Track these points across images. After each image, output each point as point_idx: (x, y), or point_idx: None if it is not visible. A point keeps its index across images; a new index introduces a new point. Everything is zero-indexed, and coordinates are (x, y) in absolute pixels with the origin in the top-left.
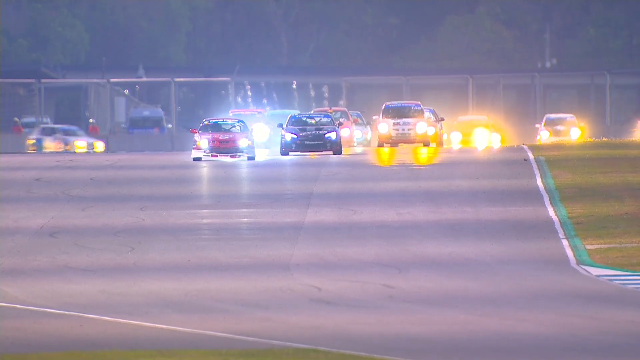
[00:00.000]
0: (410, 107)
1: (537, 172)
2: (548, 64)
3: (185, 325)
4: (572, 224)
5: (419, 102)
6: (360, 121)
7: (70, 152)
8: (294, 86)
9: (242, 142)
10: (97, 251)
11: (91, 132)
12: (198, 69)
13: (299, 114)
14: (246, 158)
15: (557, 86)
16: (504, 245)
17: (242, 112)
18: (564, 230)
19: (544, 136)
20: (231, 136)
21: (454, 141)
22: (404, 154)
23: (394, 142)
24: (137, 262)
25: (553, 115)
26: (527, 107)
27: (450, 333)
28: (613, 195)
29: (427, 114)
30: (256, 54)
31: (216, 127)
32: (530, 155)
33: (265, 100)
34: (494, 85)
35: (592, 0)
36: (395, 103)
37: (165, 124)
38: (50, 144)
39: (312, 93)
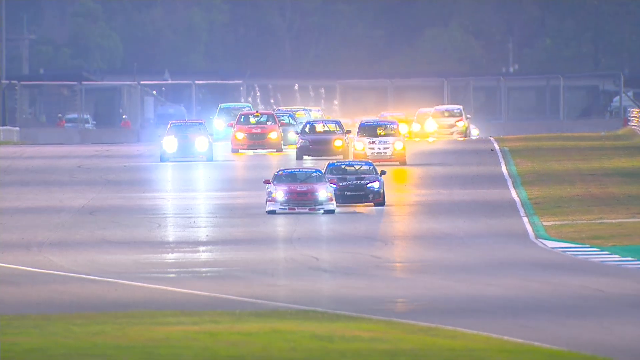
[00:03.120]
0: (386, 125)
1: (502, 160)
2: (511, 69)
3: (204, 289)
4: (531, 204)
5: (395, 120)
6: (292, 121)
7: (107, 143)
8: (296, 87)
9: (322, 194)
10: (130, 227)
11: (124, 126)
12: (215, 73)
13: (337, 162)
14: (323, 212)
15: (519, 88)
16: (474, 222)
17: (183, 123)
18: (524, 209)
19: (431, 126)
20: (310, 187)
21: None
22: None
23: (370, 161)
24: (163, 236)
25: (442, 107)
26: (493, 106)
27: (429, 296)
28: (566, 179)
29: (430, 120)
30: (264, 60)
31: (292, 177)
32: (496, 146)
33: (272, 100)
34: (465, 87)
35: (548, 15)
36: (371, 121)
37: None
38: None
39: (312, 94)
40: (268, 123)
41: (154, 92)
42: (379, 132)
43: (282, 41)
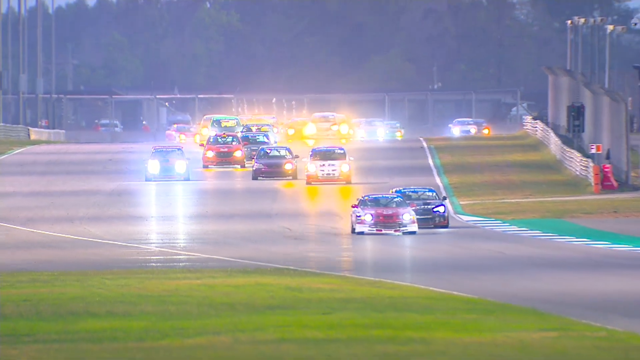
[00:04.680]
0: (334, 150)
1: (429, 155)
2: (436, 86)
3: (204, 253)
4: (451, 188)
5: (343, 146)
6: (267, 140)
7: (131, 142)
8: (274, 100)
9: (406, 217)
10: (149, 206)
11: (144, 130)
12: (213, 89)
13: (403, 189)
14: (408, 233)
15: (441, 100)
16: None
17: (164, 148)
18: (445, 192)
19: (311, 130)
20: (395, 211)
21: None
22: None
23: (320, 181)
24: (174, 213)
25: (319, 114)
26: (422, 114)
27: (373, 257)
28: (477, 170)
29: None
30: (250, 79)
31: (376, 202)
32: (425, 144)
33: (256, 110)
34: (401, 100)
35: (463, 46)
36: (321, 147)
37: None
38: None
39: (285, 105)
40: (233, 143)
41: (167, 104)
42: (328, 156)
43: (263, 65)
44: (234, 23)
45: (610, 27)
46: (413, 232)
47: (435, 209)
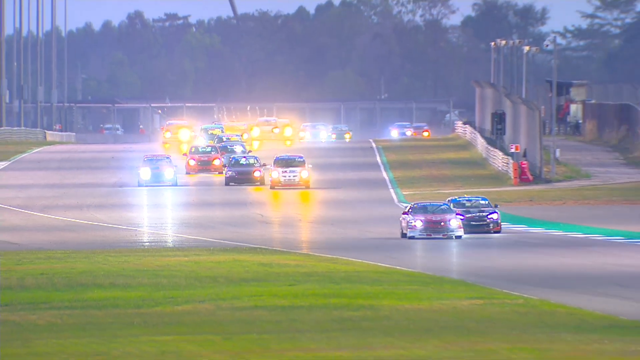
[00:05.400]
0: (294, 158)
1: (377, 154)
2: (383, 97)
3: (190, 234)
4: (395, 181)
5: (302, 155)
6: (244, 149)
7: (130, 143)
8: (248, 108)
9: (453, 223)
10: (145, 197)
11: (141, 133)
12: (198, 99)
13: (458, 198)
14: (455, 237)
15: (388, 108)
16: (361, 192)
17: (154, 157)
18: (391, 184)
19: (255, 132)
20: (443, 217)
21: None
22: (311, 150)
23: (282, 186)
24: (166, 201)
25: (263, 118)
26: (372, 119)
27: (331, 239)
28: (416, 166)
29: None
30: (229, 90)
31: (424, 209)
32: (374, 145)
33: (233, 116)
34: (354, 108)
35: (406, 63)
36: (283, 156)
37: None
38: None
39: (258, 112)
40: (212, 153)
41: (159, 111)
42: (290, 163)
43: (240, 78)
44: (216, 44)
45: (526, 48)
46: (459, 237)
47: (489, 216)
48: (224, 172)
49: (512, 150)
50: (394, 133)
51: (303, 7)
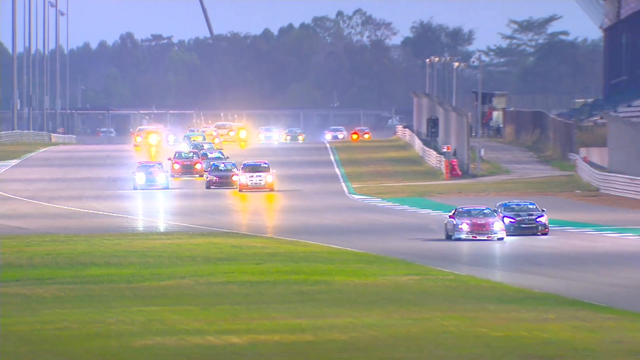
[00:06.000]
0: (260, 164)
1: (331, 153)
2: (335, 105)
3: (176, 221)
4: (346, 176)
5: (267, 161)
6: (222, 156)
7: (122, 144)
8: (222, 115)
9: (496, 226)
10: (137, 188)
11: (131, 135)
12: (179, 107)
13: (508, 202)
14: (497, 239)
15: (340, 115)
16: (318, 185)
17: (147, 163)
18: (342, 179)
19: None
20: (487, 221)
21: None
22: (265, 150)
23: (249, 189)
24: (155, 193)
25: (220, 122)
26: (326, 125)
27: (292, 225)
28: (364, 163)
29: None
30: (206, 99)
31: (468, 213)
32: (328, 145)
33: (210, 121)
34: (311, 115)
35: (354, 76)
36: (250, 162)
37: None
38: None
39: (230, 118)
40: (194, 158)
41: (147, 117)
42: (256, 169)
43: (215, 90)
44: (194, 60)
45: (456, 64)
46: (501, 239)
47: (538, 219)
48: (204, 176)
49: (444, 150)
50: (328, 136)
51: (268, 29)
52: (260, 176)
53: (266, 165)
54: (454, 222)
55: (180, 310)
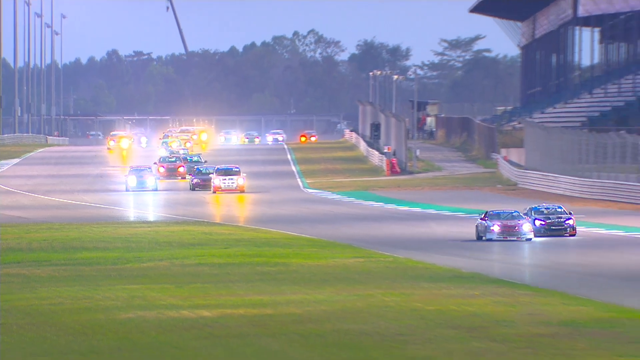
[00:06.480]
0: (232, 169)
1: (288, 153)
2: (292, 112)
3: (165, 213)
4: (302, 173)
5: (238, 166)
6: (200, 160)
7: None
8: (194, 120)
9: (525, 227)
10: (122, 183)
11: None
12: (157, 113)
13: (538, 205)
14: (525, 240)
15: (296, 120)
16: (277, 181)
17: (138, 167)
18: (298, 175)
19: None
20: (517, 223)
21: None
22: (230, 151)
23: (222, 191)
24: (138, 188)
25: (184, 127)
26: (284, 129)
27: (256, 215)
28: (316, 162)
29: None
30: (180, 107)
31: (498, 216)
32: (285, 146)
33: (184, 125)
34: (271, 120)
35: (308, 87)
36: (223, 167)
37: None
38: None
39: (201, 122)
40: (177, 162)
41: (129, 122)
42: (228, 172)
43: (188, 99)
44: (171, 74)
45: (395, 77)
46: (530, 239)
47: (566, 222)
48: (187, 178)
49: (385, 150)
50: (269, 138)
51: (234, 46)
52: (232, 179)
53: (237, 170)
54: (486, 224)
55: (159, 288)
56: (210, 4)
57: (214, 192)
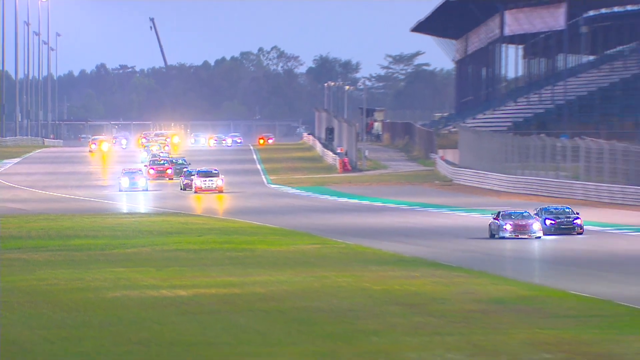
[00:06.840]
0: (211, 171)
1: (253, 153)
2: (257, 117)
3: (149, 205)
4: (266, 171)
5: (217, 169)
6: (185, 163)
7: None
8: (172, 124)
9: (535, 226)
10: (113, 180)
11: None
12: (141, 119)
13: (547, 206)
14: (535, 238)
15: (260, 125)
16: (246, 178)
17: (130, 170)
18: (262, 173)
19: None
20: (527, 222)
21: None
22: (201, 152)
23: (203, 191)
24: (125, 185)
25: (158, 131)
26: (251, 133)
27: (226, 207)
28: (278, 161)
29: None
30: (160, 113)
31: (510, 216)
32: (251, 147)
33: (164, 129)
34: (239, 125)
35: (272, 96)
36: (204, 169)
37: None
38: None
39: (179, 127)
40: (165, 165)
41: (116, 127)
42: (208, 174)
43: (167, 106)
44: (152, 84)
45: (347, 87)
46: (539, 237)
47: (574, 221)
48: (178, 179)
49: (338, 151)
50: (229, 141)
51: (207, 61)
52: (212, 180)
53: (217, 172)
54: (499, 223)
55: (141, 271)
56: (187, 23)
57: (196, 192)
